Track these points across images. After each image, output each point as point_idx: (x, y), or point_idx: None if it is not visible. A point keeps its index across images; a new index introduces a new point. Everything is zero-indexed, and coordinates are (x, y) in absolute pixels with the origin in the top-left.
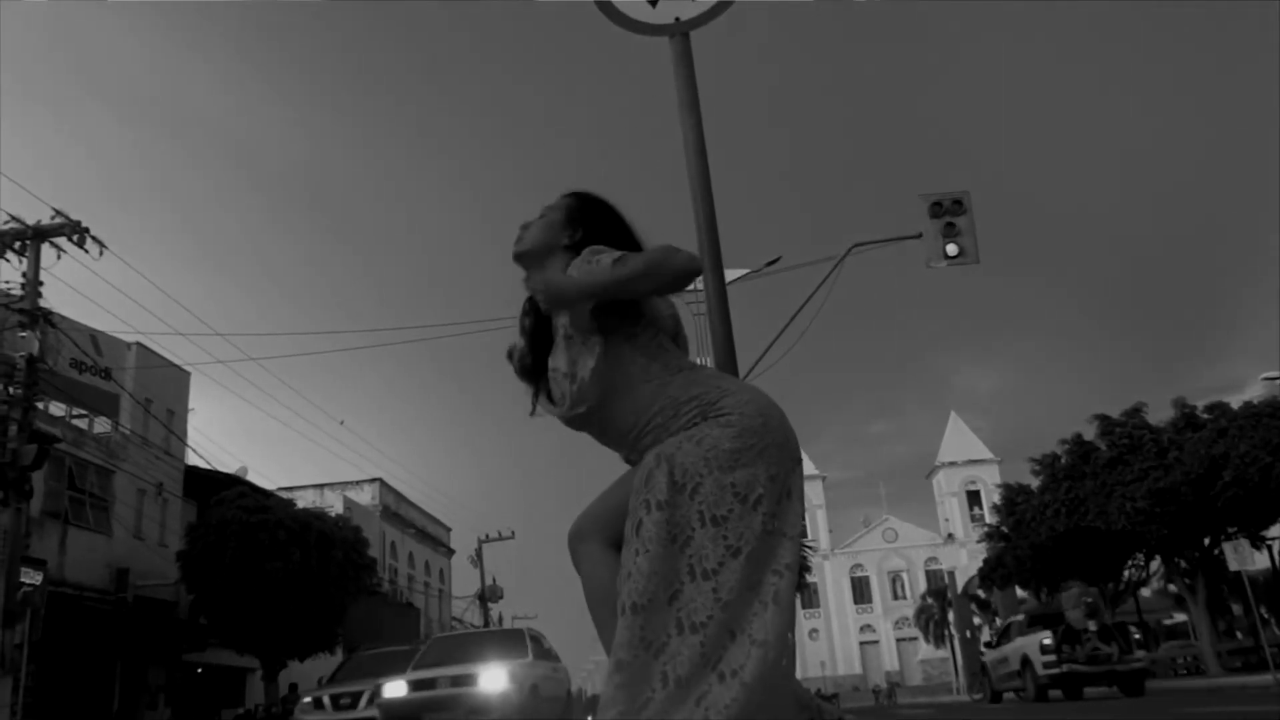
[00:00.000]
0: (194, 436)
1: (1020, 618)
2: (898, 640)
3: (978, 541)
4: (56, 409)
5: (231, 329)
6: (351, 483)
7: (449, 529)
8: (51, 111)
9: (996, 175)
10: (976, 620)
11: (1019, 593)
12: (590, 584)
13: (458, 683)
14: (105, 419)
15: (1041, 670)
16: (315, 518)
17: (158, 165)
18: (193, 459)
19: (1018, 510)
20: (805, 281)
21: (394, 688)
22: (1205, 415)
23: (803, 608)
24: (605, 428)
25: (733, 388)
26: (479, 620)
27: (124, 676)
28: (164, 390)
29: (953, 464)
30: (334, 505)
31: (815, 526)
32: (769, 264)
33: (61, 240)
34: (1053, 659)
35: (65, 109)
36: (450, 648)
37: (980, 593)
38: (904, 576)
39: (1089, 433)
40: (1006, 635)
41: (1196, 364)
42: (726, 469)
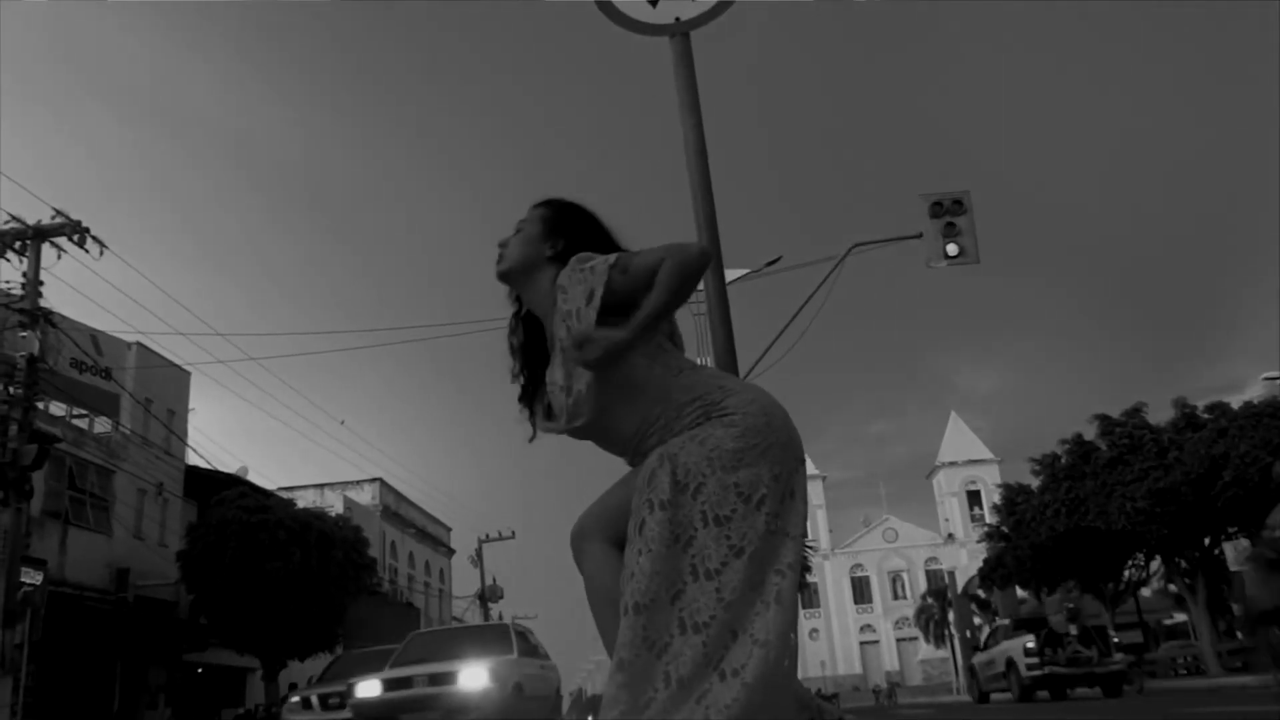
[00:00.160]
0: (194, 436)
1: (1006, 622)
2: (898, 640)
3: (978, 541)
4: (57, 409)
5: (231, 329)
6: (351, 482)
7: (449, 529)
8: (51, 111)
9: (996, 175)
10: (977, 620)
11: (1019, 593)
12: (592, 583)
13: (436, 681)
14: (105, 419)
15: (1025, 672)
16: (315, 517)
17: (158, 165)
18: (193, 459)
19: (1018, 510)
20: (805, 281)
21: (367, 687)
22: (1205, 415)
23: (803, 608)
24: (608, 435)
25: (736, 387)
26: (479, 620)
27: (124, 676)
28: (164, 390)
29: (953, 464)
30: (334, 505)
31: (815, 526)
32: (769, 264)
33: (62, 240)
34: (1035, 661)
35: (65, 109)
36: (430, 644)
37: (980, 593)
38: (904, 576)
39: (1089, 433)
40: (993, 639)
41: (1196, 364)
42: (730, 469)
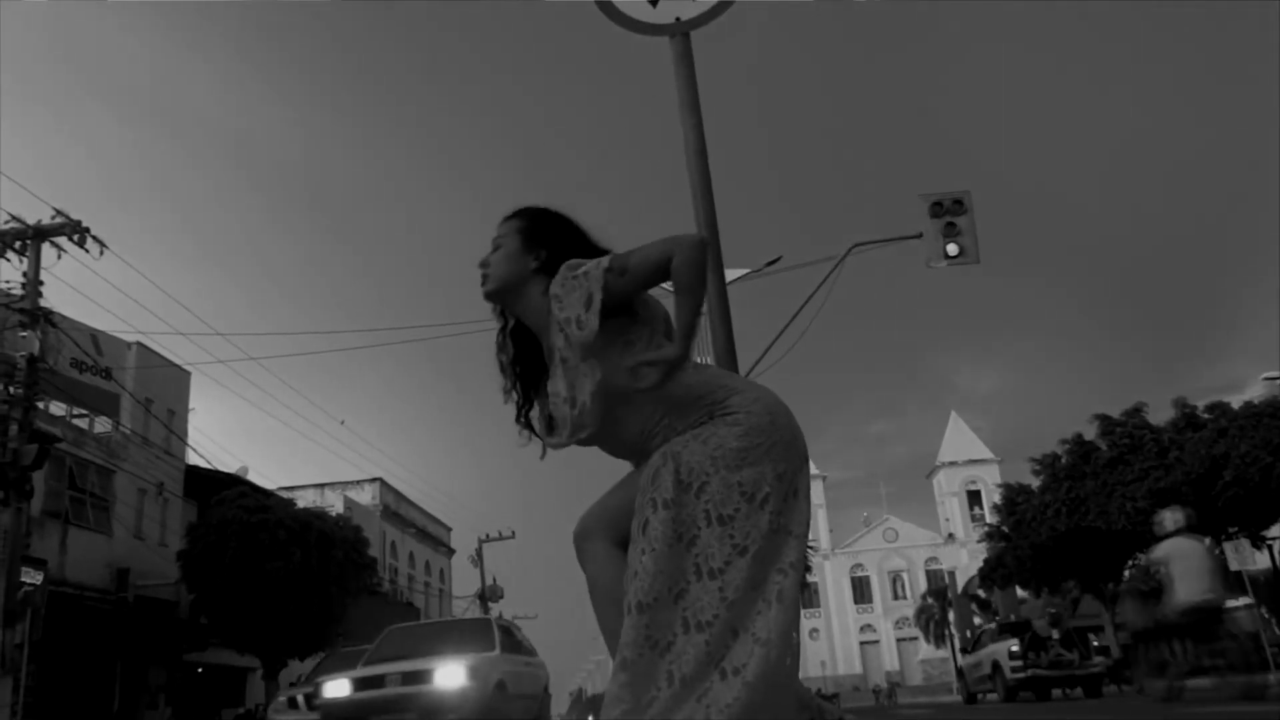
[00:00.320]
0: (194, 436)
1: (992, 626)
2: (898, 640)
3: (978, 541)
4: (57, 409)
5: (231, 329)
6: (352, 482)
7: (449, 529)
8: (51, 111)
9: (996, 175)
10: (977, 620)
11: (1019, 593)
12: (595, 582)
13: (410, 680)
14: (106, 419)
15: (1010, 674)
16: (315, 517)
17: (158, 165)
18: (193, 459)
19: (1018, 510)
20: (805, 281)
21: (336, 687)
22: (1206, 415)
23: (803, 607)
24: (614, 440)
25: (739, 386)
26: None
27: (124, 676)
28: (164, 390)
29: (953, 464)
30: (334, 505)
31: (816, 526)
32: (769, 264)
33: (62, 240)
34: (1019, 664)
35: (65, 109)
36: (406, 640)
37: (980, 593)
38: (904, 576)
39: (1089, 432)
40: (980, 642)
41: (1196, 364)
42: (733, 468)
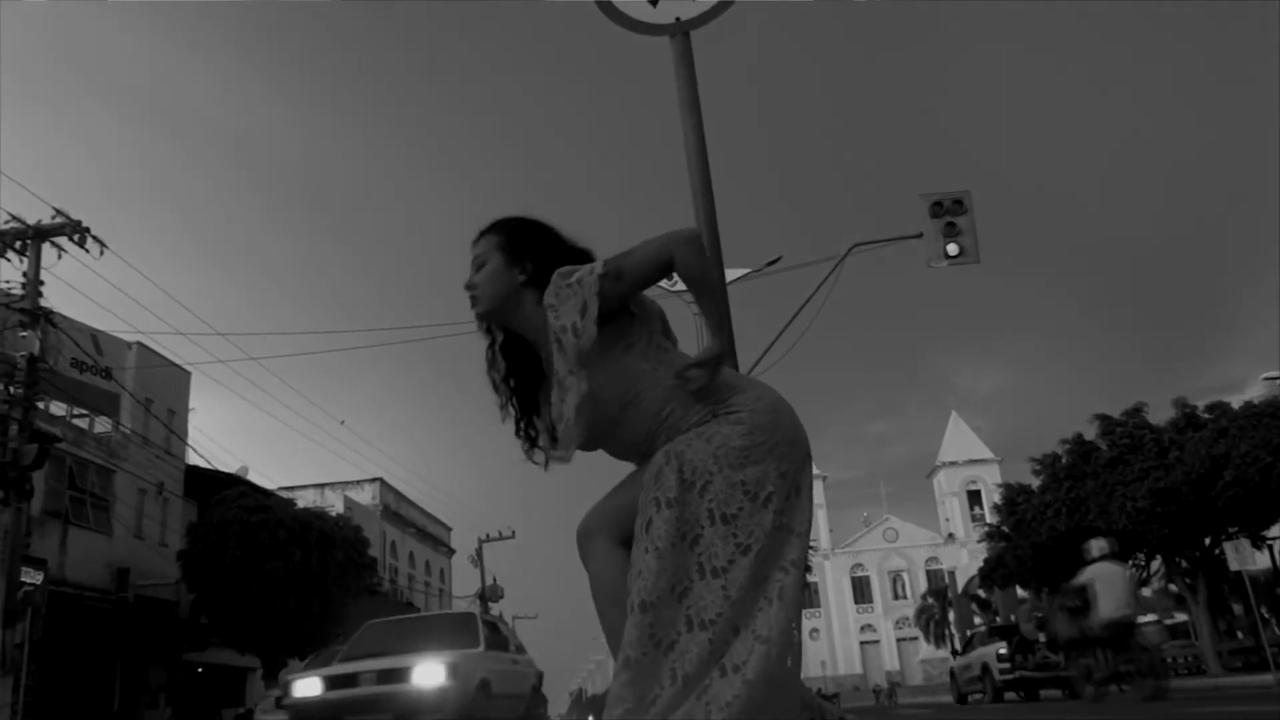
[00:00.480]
0: (194, 436)
1: (981, 629)
2: (898, 640)
3: (978, 541)
4: (57, 408)
5: (232, 329)
6: (352, 482)
7: (449, 528)
8: (51, 111)
9: (997, 175)
10: (977, 620)
11: (1019, 592)
12: (598, 581)
13: (385, 678)
14: (106, 418)
15: (998, 676)
16: (316, 517)
17: (158, 165)
18: (193, 459)
19: (1018, 510)
20: (805, 281)
21: (306, 686)
22: (1206, 415)
23: (804, 607)
24: (620, 444)
25: (742, 385)
26: None
27: (124, 676)
28: (164, 390)
29: (953, 464)
30: (334, 505)
31: (816, 526)
32: (769, 264)
33: (62, 240)
34: (1007, 666)
35: (65, 109)
36: (384, 636)
37: (981, 593)
38: (904, 576)
39: (1089, 432)
40: (970, 645)
41: (1197, 364)
42: (737, 466)
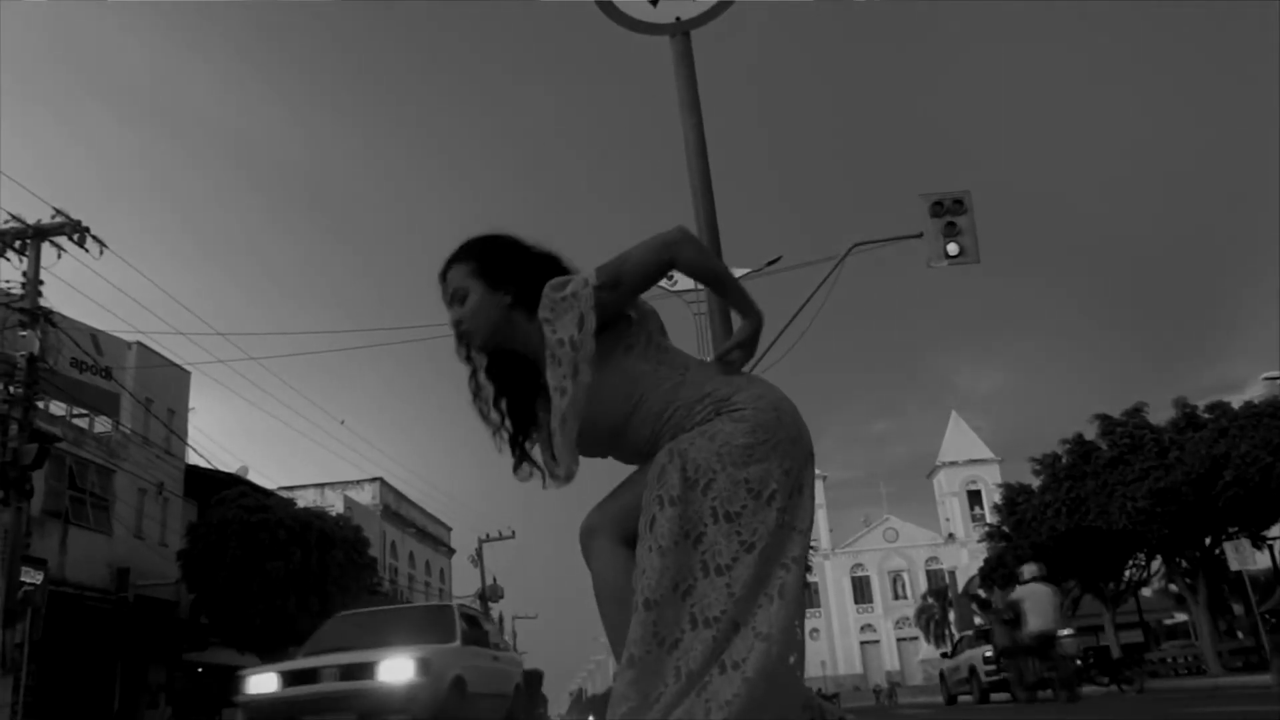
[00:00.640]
0: (194, 436)
1: (969, 633)
2: (898, 640)
3: (978, 541)
4: (57, 408)
5: (232, 328)
6: (352, 482)
7: (449, 528)
8: (51, 111)
9: (996, 175)
10: (977, 620)
11: None
12: (600, 580)
13: (349, 674)
14: (106, 418)
15: (984, 678)
16: (316, 517)
17: (157, 165)
18: (193, 458)
19: (1018, 510)
20: (805, 281)
21: (260, 682)
22: (1206, 415)
23: (804, 606)
24: (625, 448)
25: (744, 383)
26: None
27: (124, 676)
28: (164, 390)
29: (953, 463)
30: (334, 505)
31: (816, 526)
32: (769, 264)
33: (62, 239)
34: (993, 668)
35: (65, 109)
36: (353, 628)
37: (981, 592)
38: (905, 576)
39: (1090, 432)
40: (959, 648)
41: (1197, 364)
42: (740, 464)
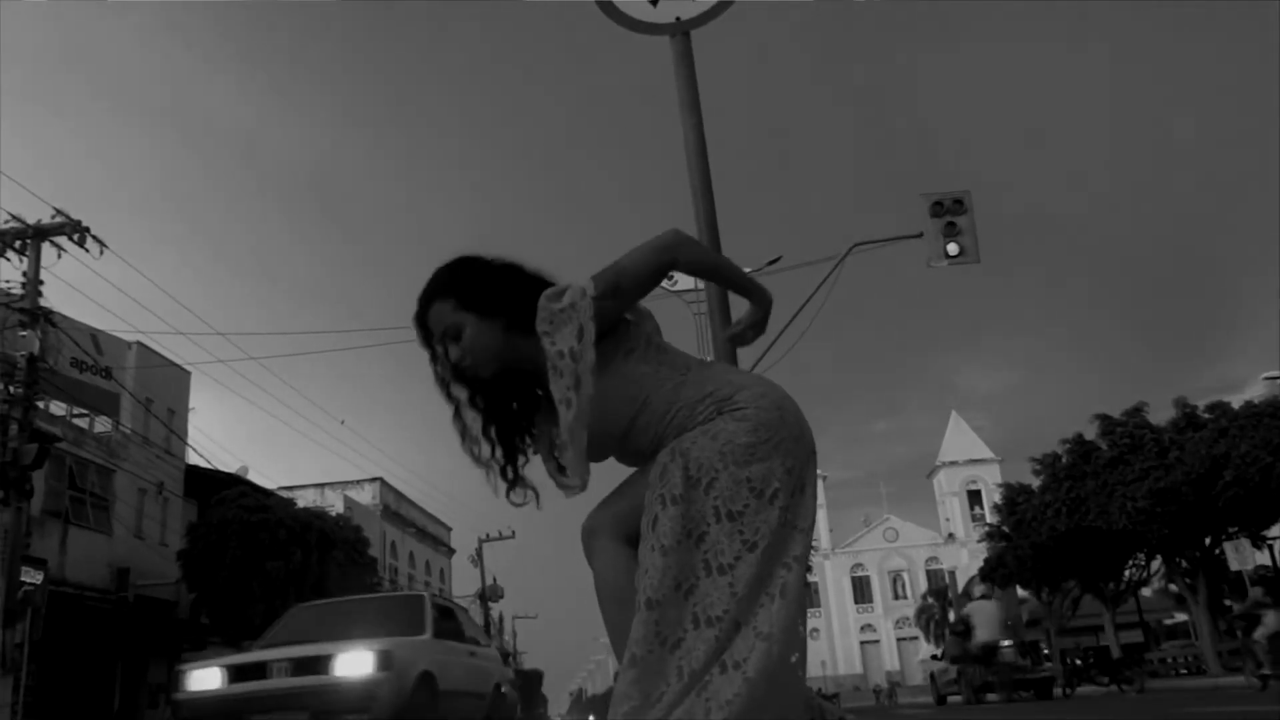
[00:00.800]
0: (194, 436)
1: (958, 637)
2: (898, 640)
3: (978, 541)
4: (57, 408)
5: (232, 328)
6: (352, 482)
7: (449, 528)
8: (51, 111)
9: (997, 175)
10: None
11: (1020, 592)
12: (602, 580)
13: (301, 669)
14: (106, 418)
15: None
16: (316, 517)
17: (158, 164)
18: (193, 458)
19: (1019, 510)
20: (805, 281)
21: (202, 678)
22: (1206, 415)
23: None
24: (630, 451)
25: (746, 382)
26: (479, 620)
27: (124, 676)
28: (164, 389)
29: (954, 463)
30: (334, 505)
31: (816, 526)
32: (769, 264)
33: (62, 239)
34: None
35: (65, 109)
36: (312, 620)
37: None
38: (905, 576)
39: (1090, 432)
40: (948, 649)
41: (1197, 364)
42: (742, 463)
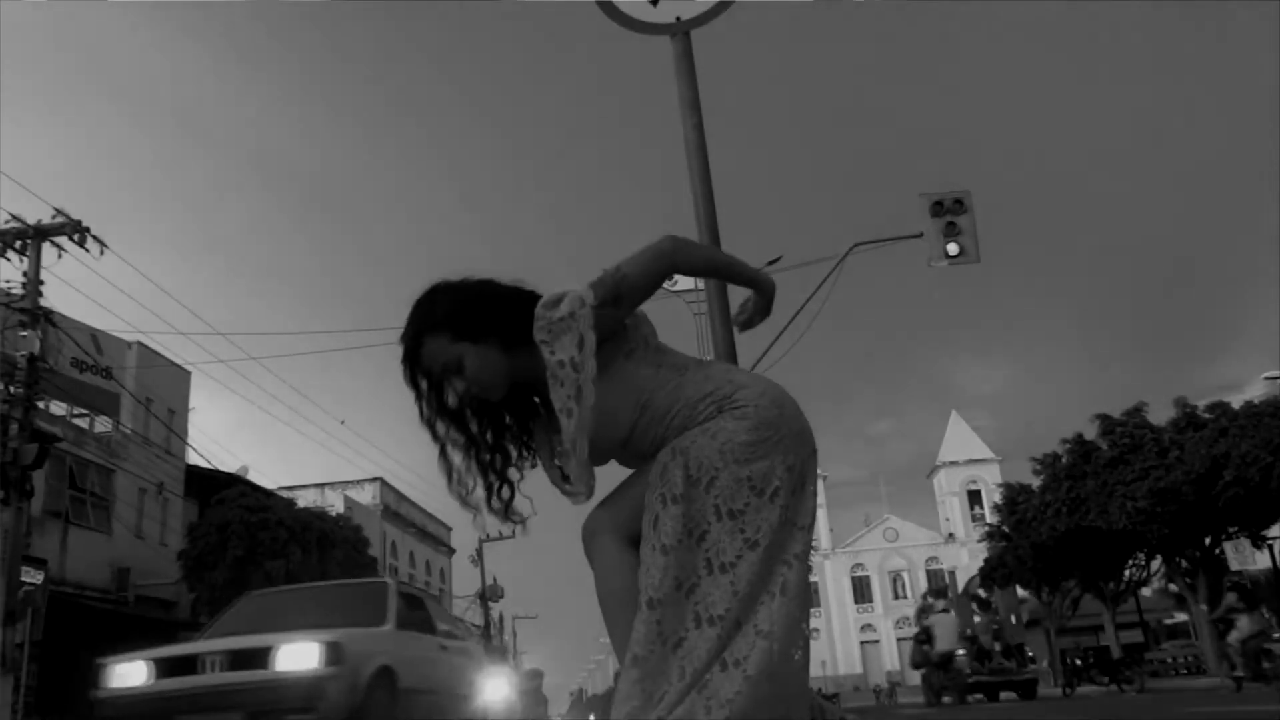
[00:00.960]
0: (195, 436)
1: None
2: (898, 640)
3: (979, 541)
4: (57, 408)
5: (232, 328)
6: (352, 482)
7: (449, 528)
8: (51, 111)
9: (997, 175)
10: (977, 619)
11: (1020, 592)
12: (603, 579)
13: (238, 663)
14: (106, 418)
15: (965, 679)
16: (316, 517)
17: (158, 164)
18: (193, 458)
19: (1019, 510)
20: (805, 281)
21: (126, 673)
22: (1206, 415)
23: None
24: (632, 453)
25: (746, 380)
26: (479, 621)
27: None
28: (165, 389)
29: (954, 463)
30: (335, 504)
31: (816, 525)
32: (769, 264)
33: (62, 239)
34: (969, 671)
35: (65, 108)
36: (263, 610)
37: (981, 592)
38: (905, 576)
39: (1090, 432)
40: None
41: (1197, 364)
42: (742, 462)
